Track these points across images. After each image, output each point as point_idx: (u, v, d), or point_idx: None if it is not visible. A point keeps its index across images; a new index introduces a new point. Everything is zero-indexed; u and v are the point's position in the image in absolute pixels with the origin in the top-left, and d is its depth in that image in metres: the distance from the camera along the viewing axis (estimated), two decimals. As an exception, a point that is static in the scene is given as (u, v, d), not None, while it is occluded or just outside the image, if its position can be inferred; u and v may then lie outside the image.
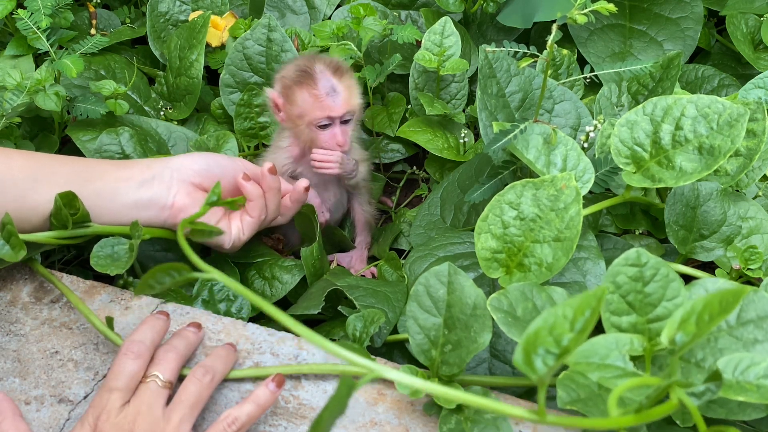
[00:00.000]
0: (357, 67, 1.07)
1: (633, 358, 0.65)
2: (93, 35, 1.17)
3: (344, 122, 0.91)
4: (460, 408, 0.71)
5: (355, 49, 1.05)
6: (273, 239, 1.04)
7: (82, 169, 0.81)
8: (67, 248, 0.97)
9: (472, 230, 0.80)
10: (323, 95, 0.88)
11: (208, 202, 0.58)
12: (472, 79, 1.12)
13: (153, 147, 0.98)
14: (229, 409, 0.69)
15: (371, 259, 1.05)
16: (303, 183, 0.90)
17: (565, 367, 0.68)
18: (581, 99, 0.99)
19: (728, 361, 0.65)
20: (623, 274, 0.70)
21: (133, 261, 0.79)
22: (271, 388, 0.71)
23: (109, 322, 0.75)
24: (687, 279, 0.78)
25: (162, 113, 1.09)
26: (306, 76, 0.88)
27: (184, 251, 0.54)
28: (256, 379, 0.75)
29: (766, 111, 0.86)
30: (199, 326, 0.77)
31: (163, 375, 0.70)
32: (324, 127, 0.90)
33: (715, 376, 0.56)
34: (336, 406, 0.45)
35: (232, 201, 0.60)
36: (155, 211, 0.83)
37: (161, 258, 0.97)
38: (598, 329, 0.69)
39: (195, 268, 0.53)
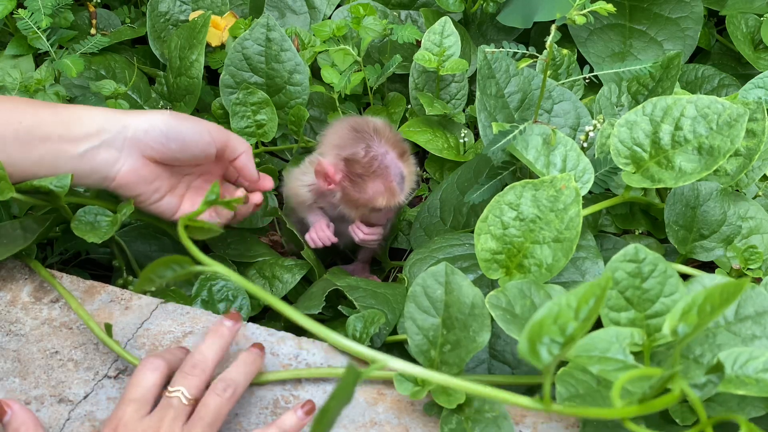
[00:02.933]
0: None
1: (632, 354, 0.66)
2: (93, 35, 1.17)
3: None
4: (460, 408, 0.71)
5: (354, 54, 1.05)
6: (272, 240, 1.04)
7: (23, 131, 0.75)
8: (65, 249, 0.97)
9: (472, 232, 0.80)
10: (396, 186, 0.86)
11: (206, 201, 0.58)
12: (472, 79, 1.12)
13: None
14: (256, 430, 0.68)
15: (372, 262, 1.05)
16: (256, 198, 0.90)
17: (563, 364, 0.68)
18: (581, 99, 0.99)
19: (727, 355, 0.65)
20: (621, 270, 0.70)
21: (113, 233, 0.80)
22: (299, 415, 0.69)
23: (108, 328, 0.75)
24: (687, 279, 0.78)
25: (162, 113, 1.09)
26: (379, 165, 0.86)
27: (185, 246, 0.54)
28: (253, 385, 0.75)
29: (765, 111, 0.86)
30: (237, 318, 0.74)
31: (188, 392, 0.68)
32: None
33: (717, 368, 0.56)
34: (342, 395, 0.44)
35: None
36: (96, 180, 0.79)
37: (159, 258, 0.97)
38: (598, 326, 0.69)
39: (197, 262, 0.53)
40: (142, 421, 0.66)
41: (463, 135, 1.05)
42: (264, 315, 0.92)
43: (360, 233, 0.93)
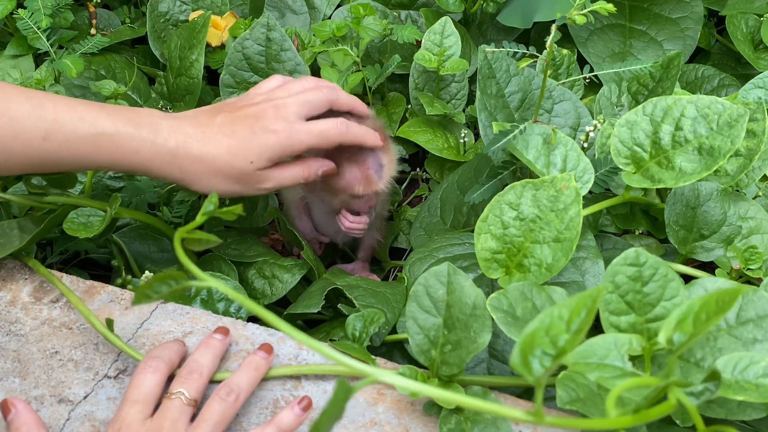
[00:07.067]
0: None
1: (632, 358, 0.66)
2: (93, 35, 1.17)
3: None
4: (460, 408, 0.71)
5: (353, 54, 1.05)
6: (272, 239, 1.04)
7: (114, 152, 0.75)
8: (65, 249, 0.97)
9: (472, 231, 0.80)
10: (373, 174, 0.85)
11: (204, 212, 0.58)
12: (472, 79, 1.12)
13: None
14: (255, 429, 0.68)
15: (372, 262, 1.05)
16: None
17: (564, 367, 0.68)
18: (581, 99, 0.99)
19: (727, 360, 0.65)
20: (622, 273, 0.70)
21: (104, 228, 0.80)
22: (296, 412, 0.69)
23: (109, 324, 0.75)
24: (687, 279, 0.78)
25: (162, 113, 1.09)
26: (355, 149, 0.85)
27: (180, 260, 0.54)
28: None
29: (766, 111, 0.86)
30: (226, 332, 0.75)
31: (188, 393, 0.68)
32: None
33: (714, 376, 0.56)
34: (333, 411, 0.44)
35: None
36: None
37: (158, 258, 0.97)
38: (598, 329, 0.69)
39: (192, 277, 0.53)
40: (144, 423, 0.66)
41: (463, 135, 1.05)
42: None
43: (346, 221, 0.93)
